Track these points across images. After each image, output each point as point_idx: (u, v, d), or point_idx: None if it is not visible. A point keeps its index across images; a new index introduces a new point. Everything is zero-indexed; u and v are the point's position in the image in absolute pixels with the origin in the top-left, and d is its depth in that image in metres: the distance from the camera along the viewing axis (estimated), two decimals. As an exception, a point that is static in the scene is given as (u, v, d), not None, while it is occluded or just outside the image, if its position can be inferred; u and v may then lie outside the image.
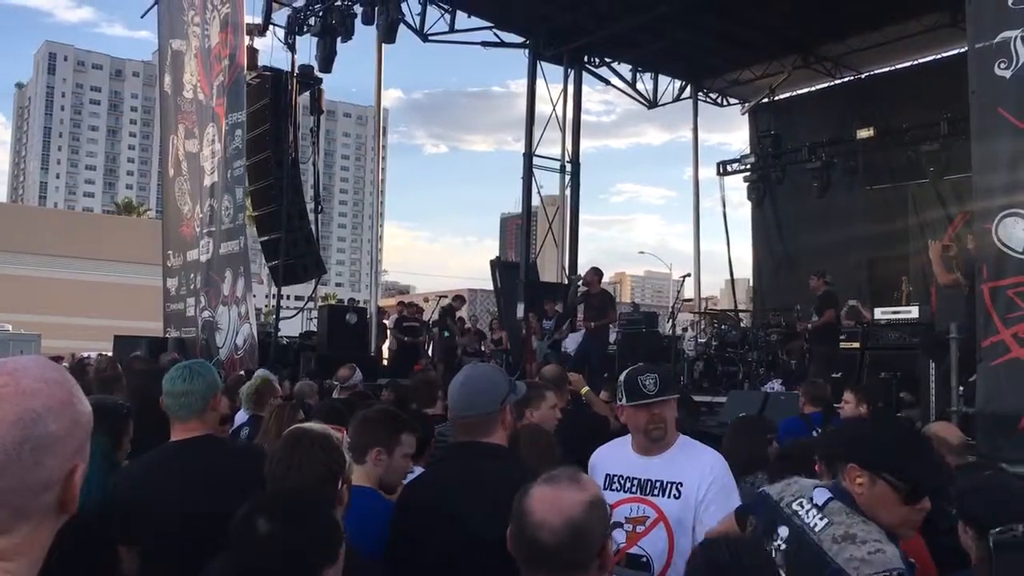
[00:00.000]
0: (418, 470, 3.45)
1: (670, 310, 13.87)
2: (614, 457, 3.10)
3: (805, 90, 18.82)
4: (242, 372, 9.30)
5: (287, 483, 2.03)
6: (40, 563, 1.07)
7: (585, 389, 5.85)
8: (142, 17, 18.45)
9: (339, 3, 15.30)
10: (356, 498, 2.19)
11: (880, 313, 11.25)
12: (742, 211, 20.16)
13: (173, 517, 2.63)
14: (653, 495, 2.92)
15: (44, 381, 1.06)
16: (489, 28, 17.40)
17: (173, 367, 3.05)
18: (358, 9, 15.16)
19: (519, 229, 19.55)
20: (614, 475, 3.01)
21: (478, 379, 2.61)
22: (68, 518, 1.10)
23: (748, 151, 19.23)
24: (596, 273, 11.95)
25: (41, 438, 1.02)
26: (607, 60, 18.93)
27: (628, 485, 2.97)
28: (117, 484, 2.87)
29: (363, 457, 2.83)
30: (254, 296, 14.54)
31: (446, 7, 16.63)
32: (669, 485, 2.92)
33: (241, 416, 5.49)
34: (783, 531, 2.24)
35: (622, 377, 3.01)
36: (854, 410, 5.93)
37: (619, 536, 2.81)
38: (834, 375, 9.54)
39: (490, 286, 18.97)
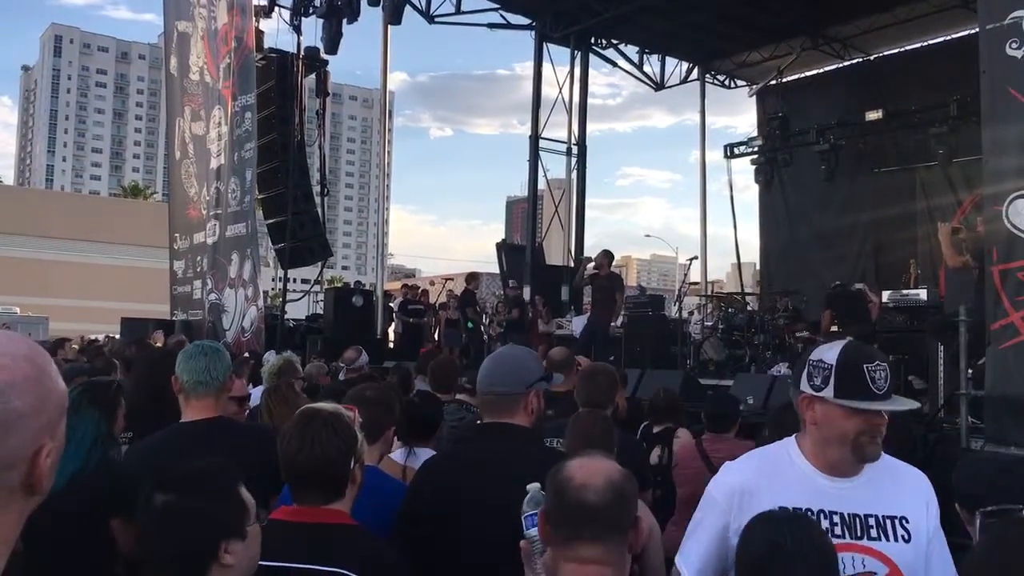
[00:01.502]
0: (422, 452, 3.46)
1: (676, 293, 13.85)
2: (784, 479, 2.04)
3: (813, 72, 18.69)
4: (247, 354, 9.27)
5: (300, 459, 2.05)
6: (11, 545, 1.03)
7: None
8: (147, -1, 18.43)
9: (345, -16, 15.22)
10: (367, 477, 2.20)
11: (888, 296, 11.23)
12: (749, 194, 20.12)
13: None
14: (872, 538, 1.96)
15: (10, 356, 1.01)
16: (495, 10, 17.31)
17: (191, 345, 3.05)
18: (364, -10, 15.09)
19: (525, 212, 19.55)
20: (798, 509, 1.97)
21: (509, 359, 2.56)
22: (40, 499, 1.05)
23: (755, 134, 19.12)
24: (607, 255, 11.89)
25: (3, 414, 0.97)
26: (614, 42, 18.81)
27: (826, 524, 1.95)
28: (124, 461, 2.87)
29: (378, 436, 2.84)
30: (261, 279, 14.56)
31: (452, -12, 16.55)
32: (889, 521, 1.99)
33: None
34: None
35: (833, 358, 1.98)
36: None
37: None
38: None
39: (496, 269, 18.97)
